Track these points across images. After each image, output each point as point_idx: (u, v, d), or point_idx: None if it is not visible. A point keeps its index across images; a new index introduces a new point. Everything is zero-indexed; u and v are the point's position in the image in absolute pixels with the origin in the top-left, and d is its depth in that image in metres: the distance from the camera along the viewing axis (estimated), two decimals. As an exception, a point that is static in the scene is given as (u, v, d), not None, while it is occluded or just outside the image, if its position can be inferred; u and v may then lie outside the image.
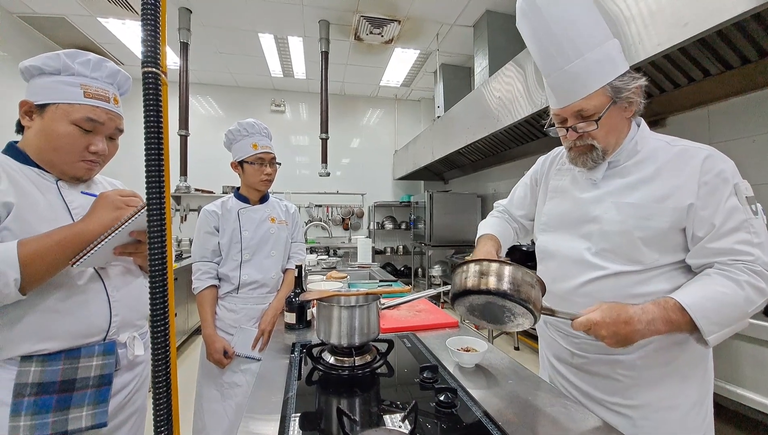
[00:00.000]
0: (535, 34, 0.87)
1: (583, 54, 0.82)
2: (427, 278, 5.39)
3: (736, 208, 0.80)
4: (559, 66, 0.85)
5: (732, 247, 0.79)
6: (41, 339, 0.82)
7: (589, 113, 0.85)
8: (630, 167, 0.90)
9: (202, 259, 1.57)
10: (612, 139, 0.89)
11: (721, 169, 0.81)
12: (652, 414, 0.87)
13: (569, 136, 0.91)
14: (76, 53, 0.89)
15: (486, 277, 0.78)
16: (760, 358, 1.59)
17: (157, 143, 0.46)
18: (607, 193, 0.91)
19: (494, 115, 3.17)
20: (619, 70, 0.84)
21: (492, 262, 0.80)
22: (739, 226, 0.79)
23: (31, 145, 0.89)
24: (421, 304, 1.64)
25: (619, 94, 0.84)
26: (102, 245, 0.81)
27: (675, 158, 0.85)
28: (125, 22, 4.02)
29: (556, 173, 1.08)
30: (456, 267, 0.86)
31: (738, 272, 0.78)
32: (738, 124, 2.15)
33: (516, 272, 0.78)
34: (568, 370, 1.02)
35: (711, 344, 0.78)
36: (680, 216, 0.82)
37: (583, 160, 0.92)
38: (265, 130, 1.64)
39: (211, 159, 5.52)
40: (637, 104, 0.88)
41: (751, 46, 1.65)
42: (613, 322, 0.75)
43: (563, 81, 0.86)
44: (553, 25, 0.83)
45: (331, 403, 0.85)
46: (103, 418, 0.87)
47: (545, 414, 0.81)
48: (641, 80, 0.86)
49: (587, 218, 0.94)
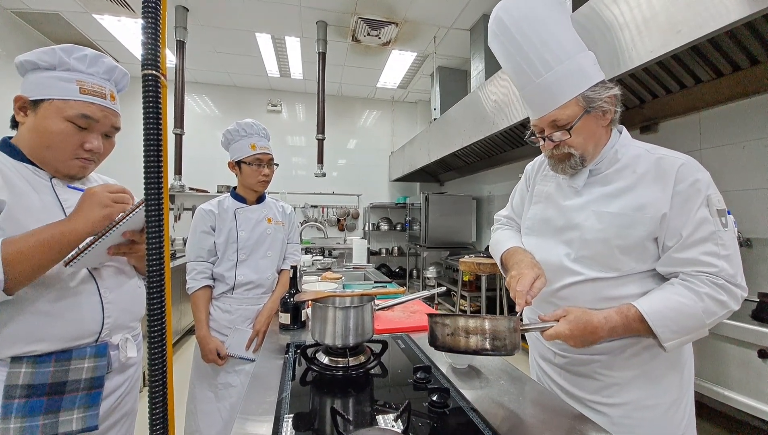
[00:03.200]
0: (507, 53, 0.92)
1: (553, 67, 0.85)
2: (421, 280, 5.41)
3: (705, 219, 0.81)
4: (531, 80, 0.89)
5: (697, 257, 0.81)
6: (32, 341, 0.80)
7: (562, 123, 0.88)
8: (611, 175, 0.92)
9: (197, 258, 1.57)
10: (589, 147, 0.91)
11: (695, 179, 0.83)
12: (632, 413, 0.90)
13: (546, 145, 0.94)
14: (72, 48, 0.88)
15: (470, 336, 0.81)
16: (744, 360, 1.62)
17: (156, 145, 0.47)
18: (589, 202, 0.93)
19: (490, 118, 3.19)
20: (592, 80, 0.86)
21: (469, 317, 0.82)
22: (707, 237, 0.81)
23: (24, 142, 0.87)
24: (415, 306, 1.65)
25: (592, 103, 0.86)
26: (96, 245, 0.80)
27: (653, 167, 0.87)
28: (121, 19, 4.00)
29: (542, 178, 1.10)
30: (434, 320, 0.86)
31: (699, 284, 0.80)
32: (729, 130, 2.19)
33: (495, 325, 0.80)
34: (552, 369, 1.05)
35: (668, 350, 0.82)
36: (655, 225, 0.84)
37: (563, 168, 0.95)
38: (263, 131, 1.64)
39: (206, 158, 5.50)
40: (612, 113, 0.90)
41: (742, 53, 1.68)
42: (580, 333, 0.81)
43: (536, 94, 0.89)
44: (523, 42, 0.87)
45: (325, 403, 0.86)
46: (93, 421, 0.85)
47: (534, 413, 0.82)
48: (614, 89, 0.88)
49: (569, 225, 0.96)
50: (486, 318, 0.80)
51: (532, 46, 0.87)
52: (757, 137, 2.06)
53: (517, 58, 0.89)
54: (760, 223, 2.03)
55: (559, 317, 0.84)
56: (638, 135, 2.61)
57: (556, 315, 0.85)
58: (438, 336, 0.85)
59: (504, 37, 0.91)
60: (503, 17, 0.90)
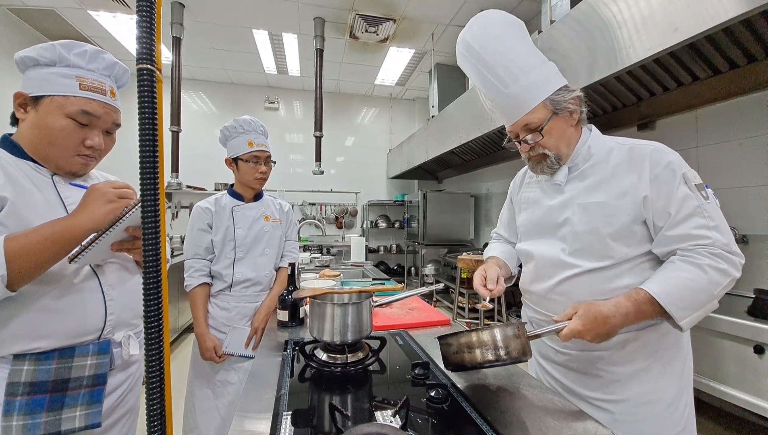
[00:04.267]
0: (476, 70, 1.00)
1: (519, 78, 0.93)
2: (419, 277, 5.41)
3: (687, 196, 0.85)
4: (500, 91, 0.96)
5: (689, 232, 0.84)
6: (35, 338, 0.80)
7: (534, 126, 0.95)
8: (587, 170, 0.97)
9: (194, 256, 1.56)
10: (562, 146, 0.97)
11: (669, 161, 0.87)
12: (632, 409, 0.91)
13: (523, 148, 1.01)
14: (72, 44, 0.87)
15: (475, 351, 0.83)
16: (740, 356, 1.64)
17: (151, 140, 0.46)
18: (572, 197, 0.98)
19: (488, 116, 3.19)
20: (555, 86, 0.94)
21: (473, 332, 0.85)
22: (693, 212, 0.84)
23: (25, 139, 0.87)
24: (413, 302, 1.66)
25: (558, 105, 0.94)
26: (100, 241, 0.80)
27: (625, 156, 0.92)
28: (116, 16, 3.96)
29: (527, 187, 1.16)
30: (440, 340, 0.91)
31: (698, 257, 0.82)
32: (725, 127, 2.20)
33: (500, 334, 0.82)
34: (552, 367, 1.05)
35: (685, 328, 0.82)
36: (638, 209, 0.88)
37: (541, 168, 1.01)
38: (261, 128, 1.63)
39: (204, 156, 5.48)
40: (578, 112, 0.97)
41: (739, 51, 1.69)
42: (593, 325, 0.81)
43: (507, 103, 0.97)
44: (489, 59, 0.96)
45: (323, 399, 0.86)
46: (96, 418, 0.85)
47: (533, 409, 0.82)
48: (576, 92, 0.96)
49: (559, 222, 1.00)
50: (486, 329, 0.82)
51: (497, 61, 0.95)
52: (753, 134, 2.07)
53: (485, 73, 0.97)
54: (756, 220, 2.04)
55: (570, 316, 0.84)
56: (636, 132, 2.62)
57: (567, 315, 0.85)
58: (448, 357, 0.89)
59: (471, 57, 0.99)
60: (468, 39, 0.99)
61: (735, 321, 1.64)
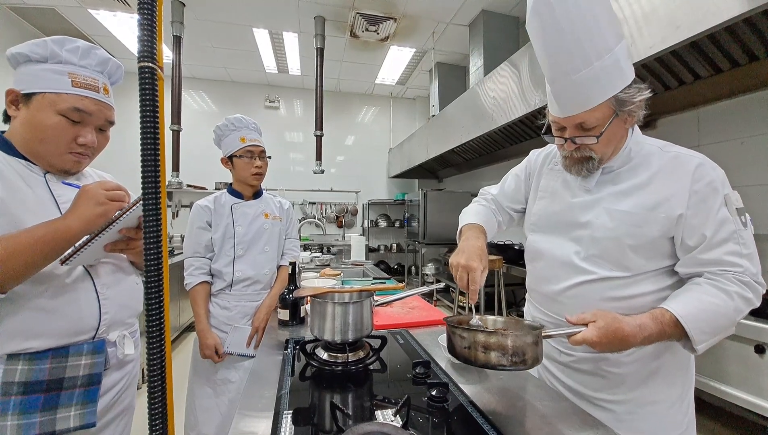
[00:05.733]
0: (546, 40, 0.80)
1: (592, 63, 0.77)
2: (420, 276, 5.41)
3: (726, 219, 0.80)
4: (566, 75, 0.79)
5: (722, 257, 0.80)
6: (28, 337, 0.80)
7: (590, 126, 0.83)
8: (623, 173, 0.90)
9: (194, 254, 1.56)
10: (609, 150, 0.88)
11: (711, 179, 0.81)
12: (636, 409, 0.90)
13: (567, 147, 0.89)
14: (63, 40, 0.86)
15: (488, 352, 0.75)
16: (741, 355, 1.63)
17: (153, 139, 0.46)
18: (600, 199, 0.91)
19: (489, 115, 3.18)
20: (627, 80, 0.81)
21: (491, 334, 0.77)
22: (728, 237, 0.80)
23: (17, 136, 0.86)
24: (414, 302, 1.66)
25: (623, 107, 0.81)
26: (92, 243, 0.79)
27: (667, 165, 0.85)
28: (116, 14, 3.96)
29: (549, 172, 1.06)
30: (453, 328, 0.81)
31: (728, 283, 0.79)
32: (727, 126, 2.19)
33: (517, 342, 0.74)
34: (555, 367, 1.04)
35: (699, 352, 0.79)
36: (670, 225, 0.83)
37: (578, 169, 0.91)
38: (253, 124, 1.63)
39: (204, 155, 5.47)
40: (638, 116, 0.86)
41: (740, 49, 1.68)
42: (609, 341, 0.75)
43: (569, 90, 0.81)
44: (567, 28, 0.76)
45: (324, 398, 0.86)
46: (91, 418, 0.85)
47: (534, 408, 0.82)
48: (646, 93, 0.83)
49: (578, 223, 0.94)
50: (508, 334, 0.75)
51: (574, 35, 0.76)
52: (755, 133, 2.06)
53: (555, 47, 0.79)
54: (759, 219, 2.04)
55: (587, 321, 0.78)
56: (637, 131, 2.61)
57: (584, 319, 0.79)
58: (456, 346, 0.81)
59: (547, 18, 0.77)
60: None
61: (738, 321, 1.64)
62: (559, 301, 0.97)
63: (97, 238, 0.79)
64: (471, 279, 0.89)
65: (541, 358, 0.77)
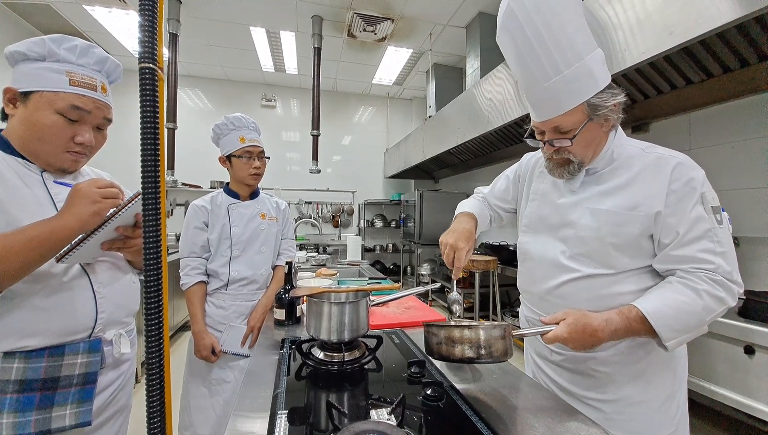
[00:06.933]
0: (516, 52, 0.86)
1: (562, 71, 0.82)
2: (415, 276, 5.43)
3: (701, 217, 0.81)
4: (538, 83, 0.85)
5: (694, 255, 0.81)
6: (24, 336, 0.79)
7: (565, 129, 0.87)
8: (606, 174, 0.93)
9: (190, 254, 1.56)
10: (589, 153, 0.92)
11: (690, 178, 0.83)
12: (625, 408, 0.92)
13: (546, 149, 0.94)
14: (62, 38, 0.86)
15: (459, 345, 0.80)
16: (732, 356, 1.66)
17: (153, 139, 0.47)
18: (583, 199, 0.94)
19: (485, 117, 3.20)
20: (599, 85, 0.84)
21: (463, 328, 0.81)
22: (702, 234, 0.81)
23: (14, 135, 0.85)
24: (409, 302, 1.67)
25: (596, 111, 0.85)
26: (88, 241, 0.79)
27: (649, 166, 0.87)
28: (112, 11, 3.93)
29: (539, 175, 1.10)
30: (427, 327, 0.87)
31: (698, 281, 0.80)
32: (718, 130, 2.23)
33: (486, 334, 0.79)
34: (548, 366, 1.06)
35: (670, 349, 0.82)
36: (649, 223, 0.85)
37: (560, 172, 0.95)
38: (252, 124, 1.63)
39: (199, 153, 5.45)
40: (614, 120, 0.89)
41: (732, 55, 1.71)
42: (580, 336, 0.80)
43: (542, 97, 0.86)
44: (534, 40, 0.82)
45: (320, 397, 0.86)
46: (87, 416, 0.85)
47: (527, 407, 0.83)
48: (619, 97, 0.86)
49: (564, 223, 0.97)
50: (477, 327, 0.79)
51: (542, 45, 0.81)
52: (745, 138, 2.10)
53: (526, 58, 0.85)
54: (748, 222, 2.07)
55: (559, 320, 0.83)
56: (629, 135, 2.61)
57: (556, 318, 0.84)
58: (431, 344, 0.86)
59: (514, 33, 0.84)
60: (515, 9, 0.83)
61: (726, 322, 1.67)
62: (548, 300, 1.00)
63: (93, 236, 0.79)
64: (456, 257, 1.00)
65: (511, 351, 0.81)
